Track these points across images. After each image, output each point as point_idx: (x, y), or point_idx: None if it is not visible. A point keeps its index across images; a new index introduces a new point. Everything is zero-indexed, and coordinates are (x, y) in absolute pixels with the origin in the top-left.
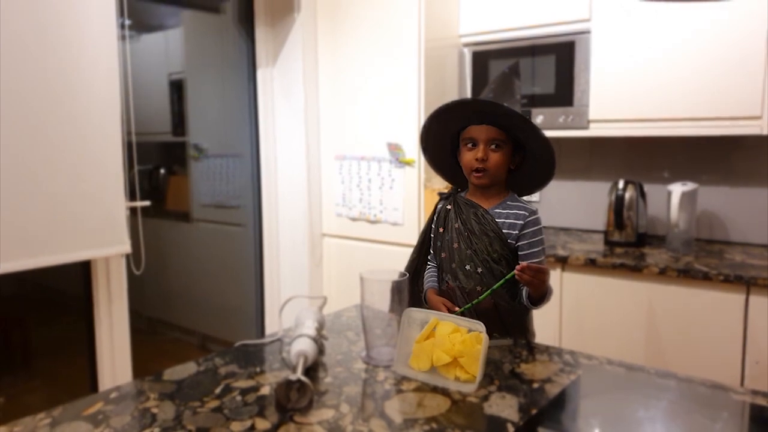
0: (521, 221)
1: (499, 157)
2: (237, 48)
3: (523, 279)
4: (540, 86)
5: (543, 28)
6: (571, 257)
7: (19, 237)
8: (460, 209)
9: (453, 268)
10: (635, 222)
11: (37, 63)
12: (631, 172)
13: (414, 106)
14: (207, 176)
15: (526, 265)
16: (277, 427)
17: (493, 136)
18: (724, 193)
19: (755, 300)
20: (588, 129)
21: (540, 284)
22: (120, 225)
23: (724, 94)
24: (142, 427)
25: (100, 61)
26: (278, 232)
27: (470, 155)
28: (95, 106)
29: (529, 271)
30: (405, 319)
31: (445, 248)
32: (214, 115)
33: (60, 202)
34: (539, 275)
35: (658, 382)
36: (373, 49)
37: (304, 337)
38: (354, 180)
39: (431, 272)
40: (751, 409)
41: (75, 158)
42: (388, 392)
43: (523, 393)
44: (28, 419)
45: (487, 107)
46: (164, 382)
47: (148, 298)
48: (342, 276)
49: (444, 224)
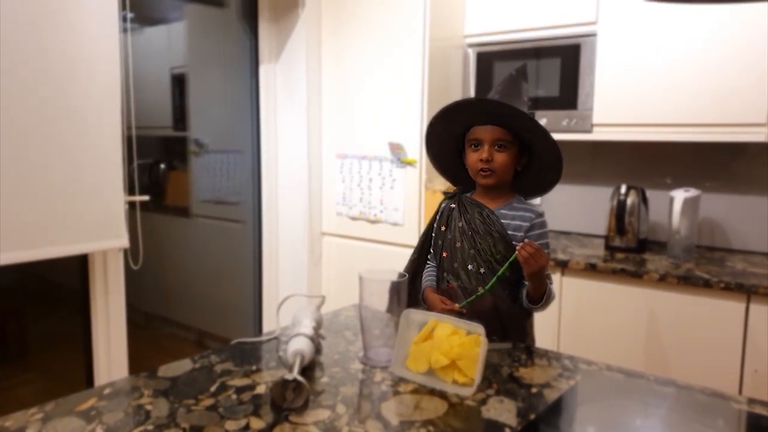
0: (527, 223)
1: (504, 157)
2: (240, 43)
3: (522, 255)
4: (544, 89)
5: (548, 30)
6: (571, 261)
7: (17, 229)
8: (464, 208)
9: (455, 267)
10: (636, 227)
11: (38, 55)
12: (634, 177)
13: (417, 106)
14: (207, 172)
15: (528, 242)
16: (272, 426)
17: (499, 137)
18: (727, 200)
19: (755, 308)
20: (591, 133)
21: (536, 267)
22: (118, 219)
23: (729, 100)
24: (135, 424)
25: (102, 54)
26: (278, 230)
27: (475, 156)
28: (96, 99)
29: (529, 247)
30: (403, 320)
31: (447, 247)
32: (215, 110)
33: (58, 194)
34: (538, 255)
35: (657, 389)
36: (377, 47)
37: (301, 336)
38: (355, 179)
39: (430, 271)
40: (748, 418)
41: (74, 151)
42: (385, 394)
43: (521, 397)
44: (19, 414)
45: (494, 107)
46: (159, 378)
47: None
48: (341, 275)
49: (447, 223)
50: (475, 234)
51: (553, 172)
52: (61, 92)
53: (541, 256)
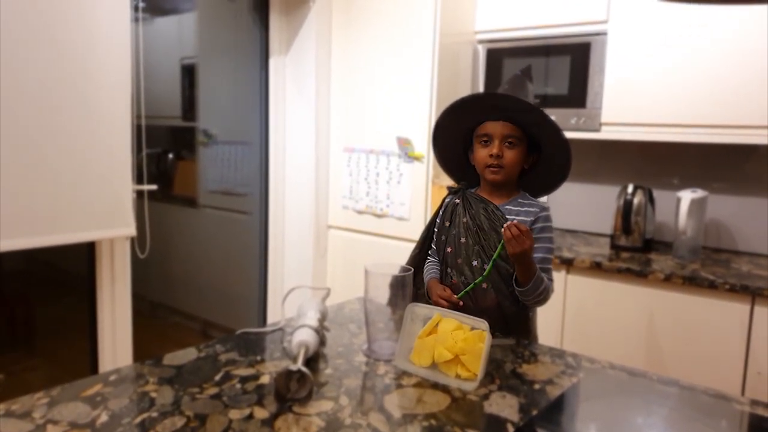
0: (531, 218)
1: (514, 155)
2: (250, 35)
3: (505, 234)
4: (553, 87)
5: (559, 28)
6: (576, 260)
7: (26, 215)
8: (469, 204)
9: (459, 263)
10: (643, 227)
11: (49, 45)
12: (641, 177)
13: (426, 101)
14: (215, 162)
15: (514, 222)
16: (276, 416)
17: (509, 133)
18: (734, 201)
19: (760, 311)
20: (600, 132)
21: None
22: (126, 207)
23: (738, 102)
24: (140, 411)
25: (112, 43)
26: (284, 222)
27: (485, 152)
28: (106, 88)
29: (514, 228)
30: (408, 314)
31: (451, 243)
32: (224, 101)
33: (67, 182)
34: (522, 237)
35: (660, 388)
36: (388, 41)
37: (306, 327)
38: (362, 173)
39: (432, 265)
40: (751, 419)
41: (84, 139)
42: (388, 386)
43: (523, 393)
44: (26, 398)
45: (505, 102)
46: (164, 366)
47: (151, 282)
48: (346, 268)
49: (451, 218)
50: (480, 230)
51: (560, 171)
52: (71, 81)
53: (526, 238)
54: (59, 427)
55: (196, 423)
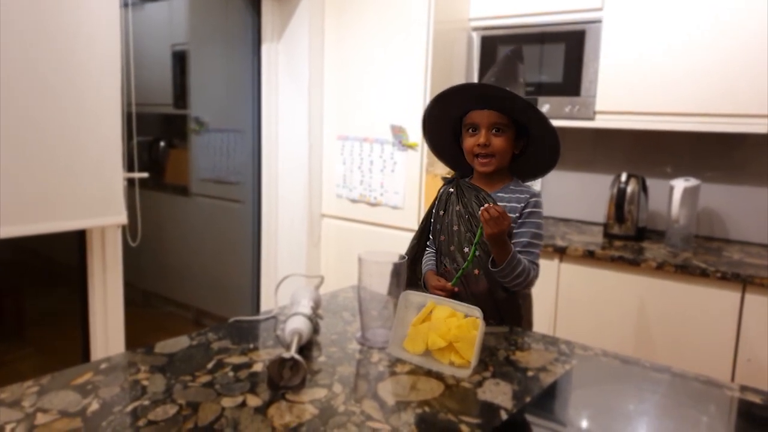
0: (522, 204)
1: (501, 141)
2: (242, 21)
3: (483, 215)
4: (547, 74)
5: (554, 16)
6: (569, 248)
7: (16, 203)
8: (462, 192)
9: (451, 251)
10: (636, 216)
11: (37, 31)
12: (634, 166)
13: (420, 89)
14: (207, 150)
15: (492, 205)
16: (269, 404)
17: (495, 121)
18: (726, 190)
19: (750, 298)
20: (594, 120)
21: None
22: (117, 196)
23: (731, 91)
24: (131, 399)
25: (102, 30)
26: (277, 210)
27: (472, 140)
28: (95, 75)
29: (493, 210)
30: (402, 301)
31: (445, 231)
32: (216, 88)
33: (57, 170)
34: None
35: (652, 375)
36: (382, 28)
37: (300, 315)
38: (355, 161)
39: (430, 256)
40: (740, 405)
41: (74, 127)
42: (381, 374)
43: (517, 380)
44: (15, 386)
45: (489, 91)
46: (156, 354)
47: (143, 271)
48: (339, 257)
49: (445, 207)
50: (472, 217)
51: (550, 155)
52: (60, 68)
53: (503, 219)
54: (49, 415)
55: (188, 411)
